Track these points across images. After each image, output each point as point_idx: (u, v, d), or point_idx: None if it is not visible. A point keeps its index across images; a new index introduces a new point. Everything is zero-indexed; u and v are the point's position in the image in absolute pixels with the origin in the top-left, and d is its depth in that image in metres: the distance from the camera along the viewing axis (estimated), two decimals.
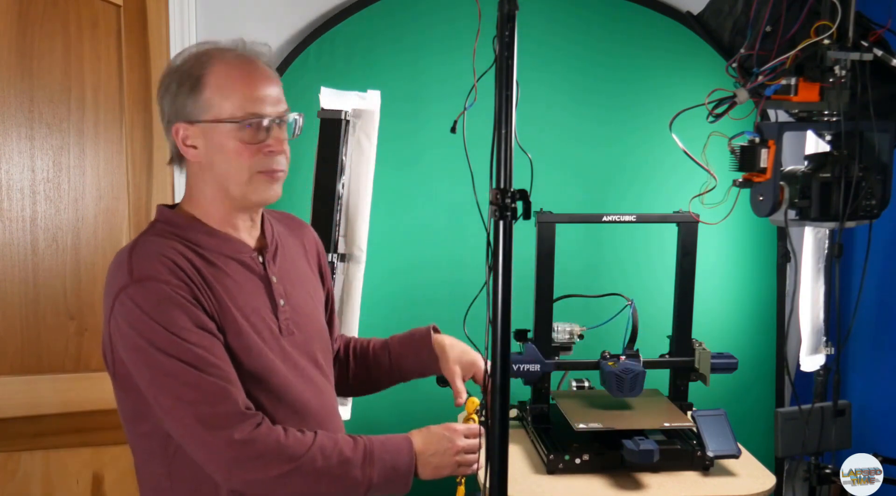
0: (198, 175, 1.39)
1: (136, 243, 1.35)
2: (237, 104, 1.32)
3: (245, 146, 1.33)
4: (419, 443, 1.41)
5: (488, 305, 1.25)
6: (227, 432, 1.26)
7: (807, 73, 1.50)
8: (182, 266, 1.30)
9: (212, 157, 1.36)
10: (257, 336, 1.36)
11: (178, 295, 1.27)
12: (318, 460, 1.30)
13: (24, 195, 2.19)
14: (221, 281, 1.35)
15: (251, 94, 1.33)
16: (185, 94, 1.34)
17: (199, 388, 1.26)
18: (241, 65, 1.35)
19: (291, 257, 1.51)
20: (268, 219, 1.50)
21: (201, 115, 1.34)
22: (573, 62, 2.57)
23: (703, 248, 2.27)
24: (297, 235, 1.57)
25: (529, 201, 1.23)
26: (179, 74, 1.35)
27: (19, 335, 2.22)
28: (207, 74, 1.33)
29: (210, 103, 1.33)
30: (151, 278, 1.28)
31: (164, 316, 1.26)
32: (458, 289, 1.74)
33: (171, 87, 1.36)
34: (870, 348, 2.49)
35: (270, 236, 1.47)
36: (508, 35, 1.21)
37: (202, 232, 1.38)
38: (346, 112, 2.04)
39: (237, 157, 1.34)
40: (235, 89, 1.33)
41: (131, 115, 2.29)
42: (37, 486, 2.27)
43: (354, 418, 2.22)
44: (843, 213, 1.54)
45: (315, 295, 1.54)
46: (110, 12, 2.24)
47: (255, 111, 1.33)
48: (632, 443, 1.89)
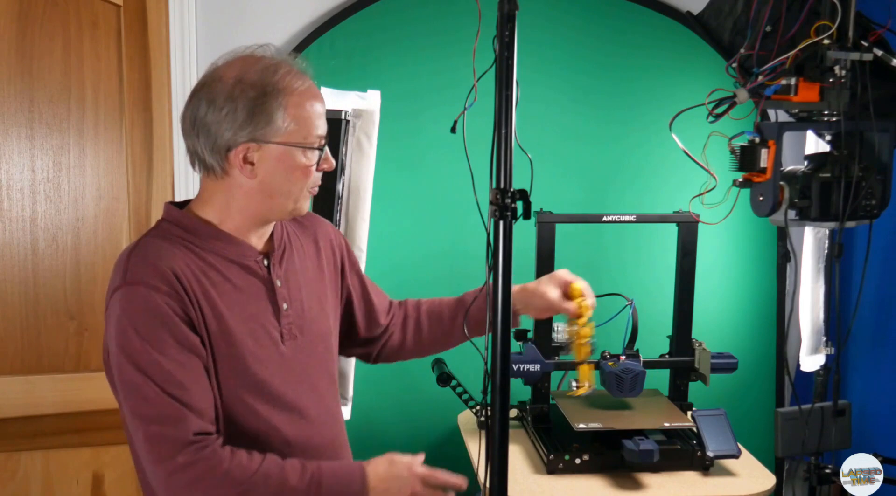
0: (234, 188, 1.36)
1: (138, 244, 1.35)
2: (311, 129, 1.35)
3: (309, 167, 1.37)
4: (374, 476, 1.35)
5: (488, 305, 1.26)
6: (170, 455, 1.25)
7: (807, 73, 1.50)
8: (178, 272, 1.30)
9: (273, 177, 1.35)
10: (254, 343, 1.36)
11: (164, 305, 1.27)
12: (260, 487, 1.28)
13: (24, 195, 2.19)
14: (220, 286, 1.35)
15: (319, 121, 1.37)
16: (258, 115, 1.31)
17: (155, 407, 1.26)
18: (310, 89, 1.37)
19: (301, 258, 1.50)
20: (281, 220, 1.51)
21: (274, 136, 1.33)
22: (573, 62, 2.57)
23: (703, 248, 2.27)
24: (309, 233, 1.56)
25: (529, 201, 1.23)
26: (247, 95, 1.30)
27: (19, 335, 2.22)
28: (282, 97, 1.32)
29: (286, 127, 1.33)
30: (142, 283, 1.28)
31: (143, 325, 1.26)
32: (459, 288, 1.74)
33: (236, 106, 1.30)
34: (870, 348, 2.49)
35: (279, 238, 1.47)
36: (508, 35, 1.21)
37: (208, 235, 1.38)
38: (346, 112, 2.04)
39: (303, 178, 1.37)
40: (310, 115, 1.35)
41: (131, 115, 2.28)
42: (37, 486, 2.27)
43: (355, 418, 2.22)
44: (843, 213, 1.54)
45: (324, 296, 1.53)
46: (110, 12, 2.24)
47: (322, 134, 1.38)
48: (632, 443, 1.89)
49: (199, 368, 1.30)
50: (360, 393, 2.27)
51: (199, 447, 1.26)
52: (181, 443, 1.25)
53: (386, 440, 2.54)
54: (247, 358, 1.35)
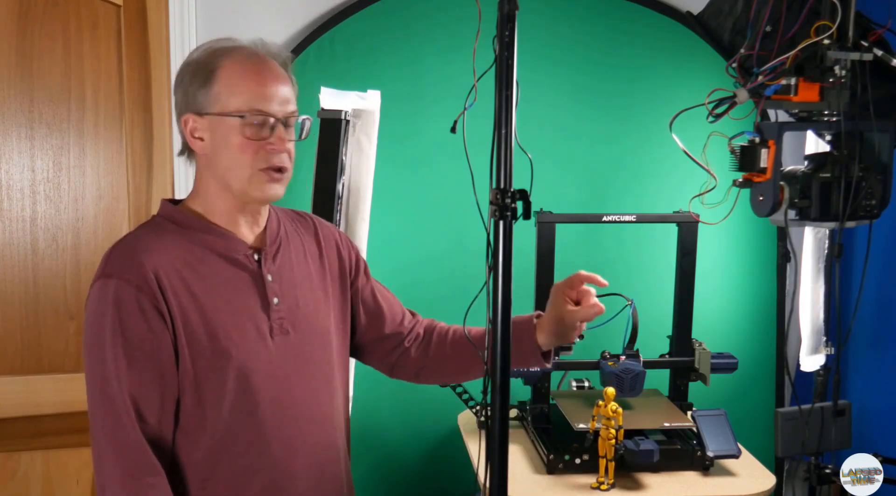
0: (204, 169, 1.41)
1: (125, 238, 1.38)
2: (244, 100, 1.34)
3: (248, 142, 1.35)
4: None
5: (488, 305, 1.25)
6: (96, 453, 1.30)
7: (807, 73, 1.50)
8: (158, 267, 1.31)
9: (217, 151, 1.37)
10: (240, 336, 1.36)
11: (133, 300, 1.29)
12: None
13: (24, 195, 2.19)
14: (208, 280, 1.35)
15: (259, 91, 1.35)
16: (197, 86, 1.36)
17: (95, 403, 1.30)
18: (254, 62, 1.37)
19: (298, 255, 1.50)
20: (277, 217, 1.50)
21: (210, 107, 1.35)
22: (573, 62, 2.57)
23: (703, 248, 2.27)
24: (310, 234, 1.56)
25: (529, 201, 1.22)
26: (193, 67, 1.37)
27: (19, 335, 2.22)
28: (219, 68, 1.35)
29: (218, 97, 1.35)
30: (116, 276, 1.30)
31: (109, 317, 1.28)
32: (458, 288, 1.74)
33: (184, 79, 1.38)
34: (870, 348, 2.49)
35: (274, 234, 1.46)
36: (508, 35, 1.21)
37: (199, 229, 1.39)
38: (346, 112, 2.04)
39: (240, 153, 1.35)
40: (244, 85, 1.34)
41: (131, 115, 2.28)
42: (37, 486, 2.27)
43: (354, 418, 2.22)
44: (843, 213, 1.54)
45: (325, 294, 1.52)
46: (110, 12, 2.24)
47: (260, 108, 1.35)
48: (632, 443, 1.89)
49: (154, 372, 1.31)
50: (360, 393, 2.27)
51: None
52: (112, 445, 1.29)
53: (386, 440, 2.54)
54: (230, 351, 1.34)
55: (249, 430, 1.36)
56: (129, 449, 1.28)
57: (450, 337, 1.63)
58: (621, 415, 1.87)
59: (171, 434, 1.34)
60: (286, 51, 1.45)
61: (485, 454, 1.31)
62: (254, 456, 1.37)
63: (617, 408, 1.86)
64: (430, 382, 1.70)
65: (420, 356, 1.64)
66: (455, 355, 1.61)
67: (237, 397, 1.35)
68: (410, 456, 2.58)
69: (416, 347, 1.64)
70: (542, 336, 1.55)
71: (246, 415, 1.36)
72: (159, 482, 1.29)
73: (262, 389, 1.37)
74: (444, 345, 1.63)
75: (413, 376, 1.67)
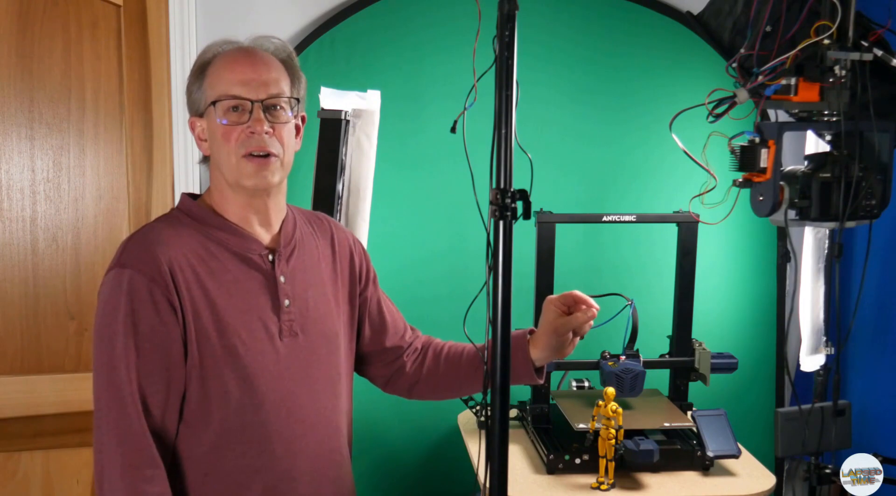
0: (214, 169, 1.43)
1: (142, 228, 1.40)
2: (221, 88, 1.36)
3: (229, 129, 1.35)
4: None
5: (488, 305, 1.25)
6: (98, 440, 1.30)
7: (807, 73, 1.50)
8: (172, 259, 1.32)
9: (212, 146, 1.40)
10: (248, 335, 1.36)
11: (146, 291, 1.30)
12: None
13: (24, 195, 2.19)
14: (220, 276, 1.36)
15: (232, 78, 1.36)
16: (195, 87, 1.39)
17: (101, 390, 1.30)
18: (236, 54, 1.38)
19: (312, 258, 1.49)
20: (294, 218, 1.50)
21: (202, 106, 1.38)
22: (573, 62, 2.57)
23: (703, 248, 2.27)
24: (326, 238, 1.56)
25: (529, 201, 1.22)
26: (192, 70, 1.41)
27: (19, 335, 2.22)
28: (209, 67, 1.38)
29: (205, 92, 1.37)
30: (130, 266, 1.31)
31: (122, 307, 1.29)
32: (458, 288, 1.74)
33: (187, 83, 1.42)
34: (870, 348, 2.48)
35: (289, 236, 1.46)
36: (508, 35, 1.21)
37: (215, 226, 1.40)
38: (346, 112, 2.04)
39: (224, 141, 1.36)
40: (223, 75, 1.36)
41: (131, 115, 2.28)
42: (37, 486, 2.27)
43: (355, 419, 2.22)
44: (843, 213, 1.54)
45: (336, 298, 1.52)
46: (110, 12, 2.24)
47: (232, 93, 1.35)
48: (632, 443, 1.89)
49: (159, 362, 1.32)
50: (360, 393, 2.26)
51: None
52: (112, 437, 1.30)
53: (386, 440, 2.54)
54: (238, 349, 1.35)
55: (252, 429, 1.36)
56: (132, 438, 1.28)
57: (444, 353, 1.64)
58: (621, 415, 1.87)
59: (173, 428, 1.34)
60: (280, 40, 1.45)
61: (485, 454, 1.31)
62: (255, 454, 1.37)
63: (617, 408, 1.86)
64: (422, 398, 1.69)
65: (415, 371, 1.65)
66: (448, 372, 1.62)
67: (242, 395, 1.35)
68: (410, 456, 2.58)
69: (413, 362, 1.65)
70: (536, 351, 1.55)
71: (249, 413, 1.36)
72: (158, 474, 1.29)
73: (268, 389, 1.37)
74: (439, 361, 1.63)
75: (406, 391, 1.68)
